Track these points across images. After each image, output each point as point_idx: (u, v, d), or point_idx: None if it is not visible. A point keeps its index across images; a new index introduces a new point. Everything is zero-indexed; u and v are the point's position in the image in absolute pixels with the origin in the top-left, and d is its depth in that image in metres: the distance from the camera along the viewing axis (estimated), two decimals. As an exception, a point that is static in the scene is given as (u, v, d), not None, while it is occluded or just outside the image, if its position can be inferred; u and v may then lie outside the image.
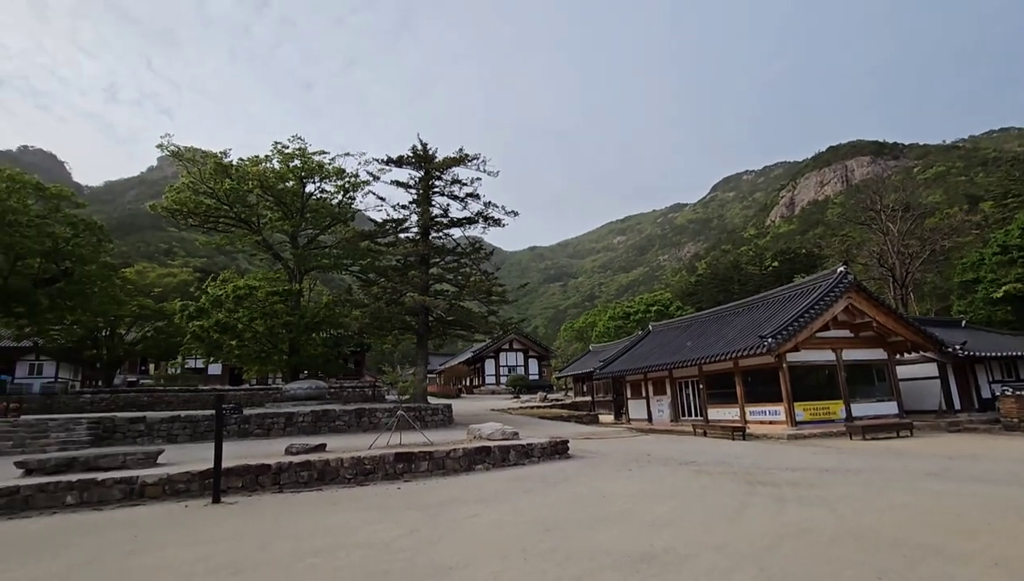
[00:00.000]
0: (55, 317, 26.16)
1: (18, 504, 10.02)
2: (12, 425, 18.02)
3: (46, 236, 22.53)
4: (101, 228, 27.11)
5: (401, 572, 6.08)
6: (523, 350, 58.95)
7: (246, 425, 19.66)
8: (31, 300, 23.21)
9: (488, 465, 13.75)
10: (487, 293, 26.19)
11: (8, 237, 20.72)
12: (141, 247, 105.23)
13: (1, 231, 20.49)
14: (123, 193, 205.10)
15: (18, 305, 23.39)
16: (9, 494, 10.02)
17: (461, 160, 25.69)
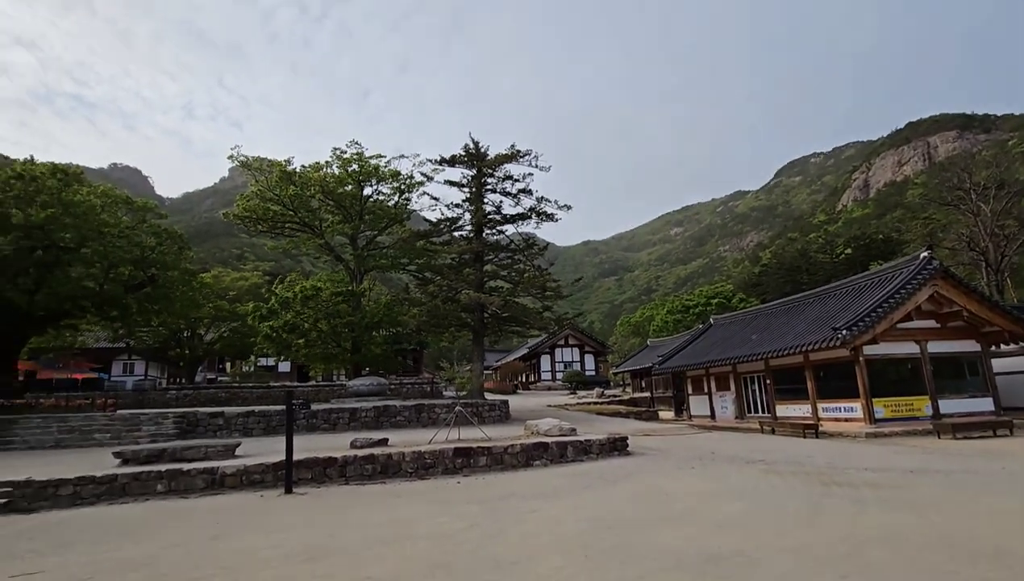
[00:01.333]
0: (143, 320, 28.44)
1: (117, 491, 10.96)
2: (110, 419, 19.75)
3: (135, 245, 24.48)
4: (181, 237, 29.16)
5: (463, 564, 6.15)
6: (579, 345, 58.47)
7: (314, 420, 20.60)
8: (123, 305, 25.33)
9: (546, 461, 13.71)
10: (541, 288, 26.13)
11: (103, 247, 22.69)
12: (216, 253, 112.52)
13: (97, 242, 22.46)
14: (199, 203, 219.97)
15: (112, 309, 25.59)
16: (109, 482, 10.98)
17: (512, 157, 25.73)
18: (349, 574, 5.94)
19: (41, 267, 21.68)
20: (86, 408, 21.81)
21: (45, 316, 23.47)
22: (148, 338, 38.60)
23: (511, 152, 25.74)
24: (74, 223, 21.42)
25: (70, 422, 19.15)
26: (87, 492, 10.80)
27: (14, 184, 20.93)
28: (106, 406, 22.33)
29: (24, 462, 14.01)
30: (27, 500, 10.43)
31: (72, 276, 22.75)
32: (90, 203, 22.76)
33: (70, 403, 22.38)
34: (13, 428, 18.45)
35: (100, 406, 22.26)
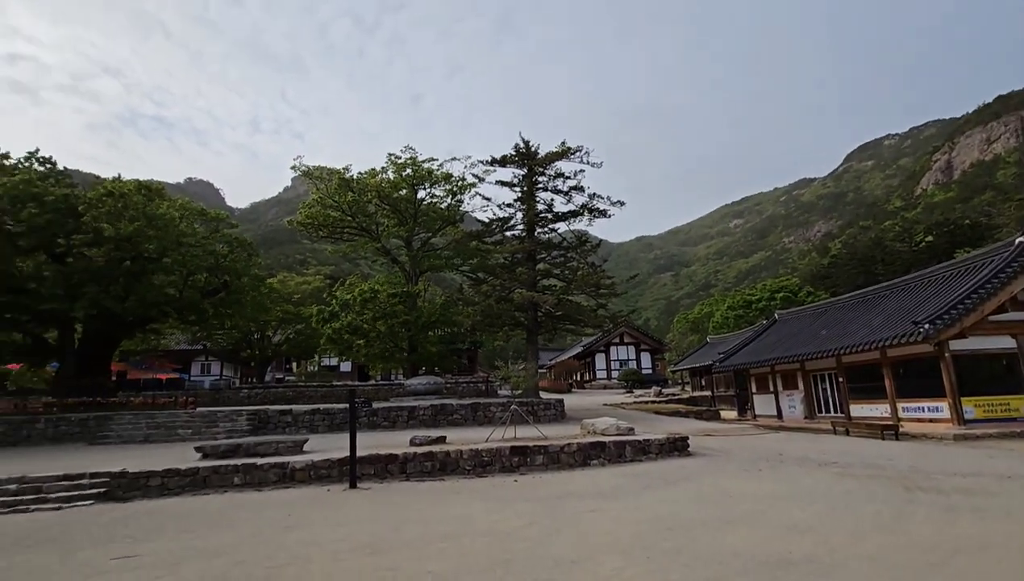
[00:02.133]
0: (218, 323, 30.39)
1: (199, 483, 11.76)
2: (190, 416, 21.22)
3: (209, 254, 26.20)
4: (251, 244, 30.94)
5: (523, 562, 6.16)
6: (634, 343, 57.39)
7: (374, 418, 21.29)
8: (200, 309, 27.18)
9: (603, 460, 13.54)
10: (595, 286, 25.81)
11: (182, 256, 24.44)
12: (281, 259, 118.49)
13: (177, 252, 24.21)
14: (265, 212, 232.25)
15: (191, 314, 27.52)
16: (192, 474, 11.80)
17: (563, 154, 25.56)
18: (412, 568, 6.09)
19: (129, 276, 23.58)
20: (170, 406, 23.54)
21: (133, 321, 25.52)
22: (223, 340, 41.21)
23: (562, 149, 25.57)
24: (157, 235, 23.15)
25: (156, 419, 20.73)
26: (173, 483, 11.65)
27: (106, 201, 22.88)
28: (187, 404, 24.00)
29: (118, 455, 15.29)
30: (122, 490, 11.38)
31: (156, 284, 24.61)
32: (170, 216, 24.55)
33: (156, 401, 24.23)
34: (109, 424, 20.18)
35: (182, 404, 23.96)
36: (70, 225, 21.89)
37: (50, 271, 21.12)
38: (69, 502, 10.75)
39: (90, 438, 19.39)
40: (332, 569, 6.16)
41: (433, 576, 5.80)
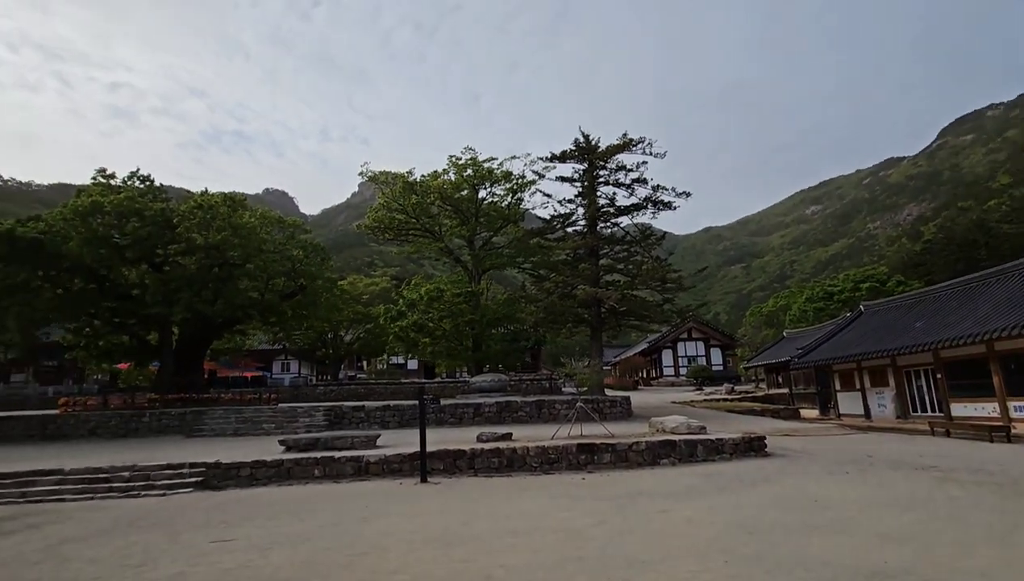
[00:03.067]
0: (296, 324, 32.27)
1: (283, 474, 12.53)
2: (273, 411, 22.65)
3: (286, 259, 27.84)
4: (323, 249, 32.55)
5: (595, 560, 6.09)
6: (703, 339, 55.30)
7: (441, 414, 21.79)
8: (280, 311, 28.97)
9: (674, 460, 13.14)
10: (661, 281, 25.07)
11: (263, 262, 26.13)
12: (350, 262, 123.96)
13: (258, 258, 25.92)
14: (335, 217, 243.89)
15: (271, 315, 29.40)
16: (277, 466, 12.59)
17: (625, 146, 24.98)
18: (484, 561, 6.17)
19: (218, 281, 25.49)
20: (255, 402, 25.24)
21: (222, 323, 27.57)
22: (300, 340, 43.67)
23: (623, 141, 25.00)
24: (241, 243, 24.87)
25: (244, 413, 22.30)
26: (260, 474, 12.48)
27: (196, 213, 24.85)
28: (270, 400, 25.64)
29: (212, 447, 16.57)
30: (216, 479, 12.32)
31: (240, 288, 26.44)
32: (252, 224, 26.30)
33: (243, 398, 26.06)
34: (203, 418, 21.94)
35: (266, 400, 25.62)
36: (167, 236, 23.94)
37: (151, 279, 23.20)
38: (172, 489, 11.78)
39: (187, 431, 21.16)
40: (407, 559, 6.35)
41: (505, 570, 5.85)
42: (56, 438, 20.63)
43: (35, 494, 11.57)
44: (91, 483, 12.10)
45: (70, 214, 22.99)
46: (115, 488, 11.86)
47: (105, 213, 22.80)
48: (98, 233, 22.63)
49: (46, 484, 12.06)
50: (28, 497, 11.45)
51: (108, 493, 11.64)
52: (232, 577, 5.96)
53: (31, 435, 20.73)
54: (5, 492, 11.65)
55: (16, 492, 11.65)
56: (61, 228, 22.47)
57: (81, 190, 24.99)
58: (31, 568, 6.59)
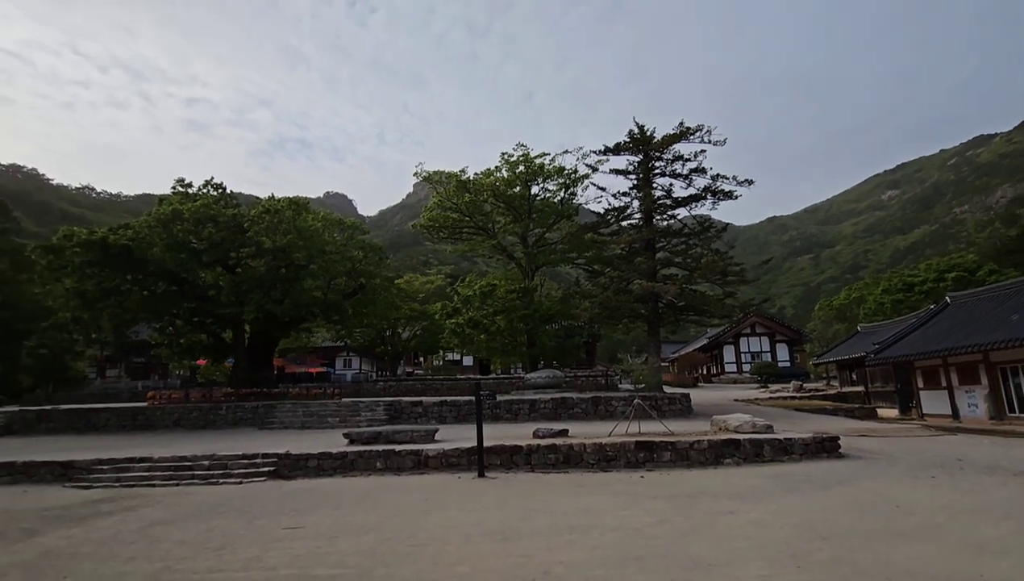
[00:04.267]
0: (357, 322, 33.47)
1: (347, 465, 13.02)
2: (337, 406, 23.61)
3: (347, 259, 28.93)
4: (381, 249, 33.57)
5: (657, 560, 5.93)
6: (768, 334, 52.82)
7: (497, 410, 21.96)
8: (342, 309, 30.16)
9: (738, 459, 12.62)
10: (721, 274, 24.08)
11: (325, 262, 27.27)
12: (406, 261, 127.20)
13: (321, 259, 27.07)
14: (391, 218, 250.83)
15: (334, 314, 30.66)
16: (341, 458, 13.10)
17: (682, 135, 24.14)
18: (543, 557, 6.15)
19: (285, 282, 26.84)
20: (320, 396, 26.40)
21: (289, 321, 29.02)
22: (360, 337, 45.32)
23: (679, 130, 24.18)
24: (305, 245, 26.05)
25: (310, 407, 23.38)
26: (326, 465, 13.03)
27: (264, 217, 26.26)
28: (334, 395, 26.76)
29: (281, 438, 17.48)
30: (287, 469, 12.97)
31: (305, 288, 27.71)
32: (315, 227, 27.49)
33: (309, 392, 27.34)
34: (273, 412, 23.19)
35: (330, 395, 26.76)
36: (238, 240, 25.43)
37: (225, 281, 24.72)
38: (247, 478, 12.51)
39: (259, 423, 22.42)
40: (467, 552, 6.43)
41: (564, 566, 5.80)
42: (145, 428, 22.41)
43: (129, 479, 12.62)
44: (176, 470, 13.05)
45: (154, 222, 24.86)
46: (197, 475, 12.74)
47: (184, 220, 24.47)
48: (178, 239, 24.33)
49: (138, 470, 13.12)
50: (123, 482, 12.50)
51: (191, 480, 12.51)
52: (303, 563, 6.24)
53: (123, 425, 22.63)
54: (104, 477, 12.77)
55: (112, 477, 12.74)
56: (146, 235, 24.32)
57: (163, 199, 26.99)
58: (127, 547, 7.18)
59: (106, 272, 24.11)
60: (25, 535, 7.99)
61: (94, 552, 6.99)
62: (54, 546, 7.34)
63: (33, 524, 8.70)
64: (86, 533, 8.02)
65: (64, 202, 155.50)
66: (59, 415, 23.00)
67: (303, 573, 5.88)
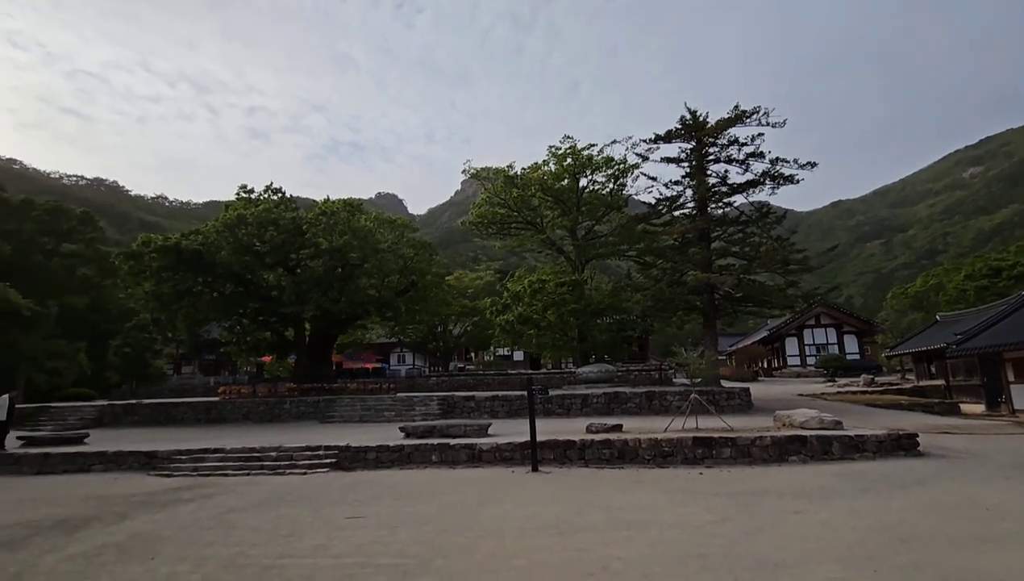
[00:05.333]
0: (409, 318, 34.29)
1: (404, 458, 13.37)
2: (393, 400, 24.27)
3: (399, 257, 29.66)
4: (431, 246, 34.21)
5: (719, 558, 5.74)
6: (834, 324, 50.04)
7: (548, 405, 21.93)
8: (395, 306, 30.98)
9: (804, 457, 12.03)
10: (782, 262, 22.93)
11: (379, 261, 28.06)
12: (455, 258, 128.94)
13: (374, 257, 27.87)
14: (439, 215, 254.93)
15: (387, 311, 31.54)
16: (399, 451, 13.46)
17: (736, 119, 23.11)
18: (599, 552, 6.08)
19: (341, 281, 27.82)
20: (377, 391, 27.23)
21: (346, 319, 30.09)
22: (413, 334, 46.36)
23: (734, 114, 23.14)
24: (359, 244, 26.90)
25: (367, 402, 24.16)
26: (384, 457, 13.42)
27: (321, 220, 27.30)
28: (389, 390, 27.52)
29: (341, 432, 18.15)
30: (347, 461, 13.46)
31: (360, 286, 28.62)
32: (368, 227, 28.33)
33: (366, 387, 28.25)
34: (333, 406, 24.12)
35: (385, 390, 27.55)
36: (298, 242, 26.56)
37: (286, 281, 25.90)
38: (311, 469, 13.07)
39: (320, 417, 23.38)
40: (523, 545, 6.45)
41: (622, 562, 5.71)
42: (217, 421, 23.85)
43: (205, 468, 13.47)
44: (247, 461, 13.81)
45: (221, 227, 26.34)
46: (266, 466, 13.43)
47: (248, 224, 25.79)
48: (243, 242, 25.66)
49: (212, 460, 13.98)
50: (199, 471, 13.36)
51: (260, 470, 13.21)
52: (366, 551, 6.44)
53: (198, 418, 24.18)
54: (183, 466, 13.69)
55: (190, 466, 13.64)
56: (215, 240, 25.79)
57: (228, 205, 28.56)
58: (206, 532, 7.65)
59: (180, 275, 25.78)
60: (117, 518, 8.68)
61: (176, 536, 7.50)
62: (142, 529, 7.94)
63: (123, 508, 9.44)
64: (169, 518, 8.62)
65: (141, 211, 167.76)
66: (142, 408, 24.84)
67: (367, 561, 6.07)
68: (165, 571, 5.99)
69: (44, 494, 11.18)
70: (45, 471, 14.38)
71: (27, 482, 13.13)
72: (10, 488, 12.22)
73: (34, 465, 14.62)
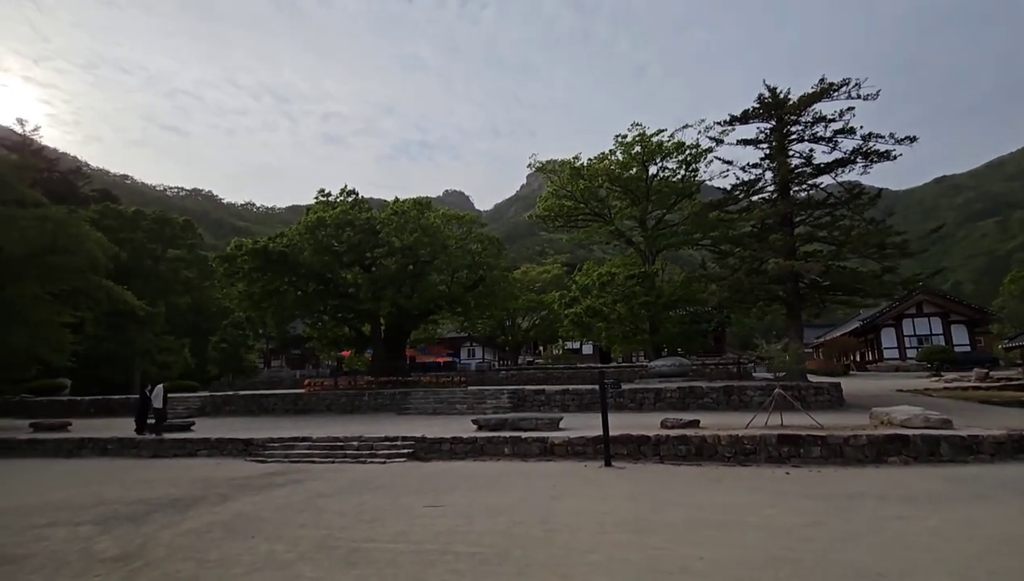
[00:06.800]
0: (478, 313, 34.90)
1: (477, 450, 13.62)
2: (464, 393, 24.79)
3: (467, 253, 30.22)
4: (498, 241, 34.54)
5: (812, 564, 5.37)
6: (939, 313, 45.50)
7: (620, 399, 21.51)
8: (464, 301, 31.65)
9: (906, 458, 11.02)
10: (877, 246, 20.99)
11: (448, 257, 28.75)
12: (522, 252, 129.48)
13: (444, 254, 28.58)
14: (505, 211, 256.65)
15: (457, 306, 32.29)
16: (471, 442, 13.74)
17: (823, 93, 21.35)
18: (680, 551, 5.87)
19: (413, 278, 28.77)
20: (448, 384, 27.95)
21: (418, 314, 31.08)
22: (482, 328, 47.19)
23: (820, 88, 21.38)
24: (429, 241, 27.67)
25: (440, 395, 24.84)
26: (458, 449, 13.74)
27: (393, 219, 28.33)
28: (460, 383, 28.16)
29: (416, 423, 18.78)
30: (423, 451, 13.91)
31: (431, 282, 29.46)
32: (437, 225, 29.07)
33: (438, 380, 29.08)
34: (408, 398, 25.01)
35: (457, 383, 28.21)
36: (372, 241, 27.72)
37: (362, 279, 27.12)
38: (390, 458, 13.62)
39: (397, 409, 24.31)
40: (599, 540, 6.36)
41: (704, 563, 5.49)
42: (304, 412, 25.44)
43: (294, 456, 14.41)
44: (331, 449, 14.63)
45: (303, 229, 27.98)
46: (348, 454, 14.16)
47: (327, 226, 27.22)
48: (323, 243, 27.12)
49: (301, 448, 14.93)
50: (290, 458, 14.31)
51: (344, 458, 13.94)
52: (444, 539, 6.61)
53: (287, 409, 25.90)
54: (275, 453, 14.73)
55: (281, 453, 14.65)
56: (298, 242, 27.46)
57: (309, 209, 30.29)
58: (299, 515, 8.18)
59: (268, 276, 27.71)
60: (221, 500, 9.47)
61: (273, 517, 8.07)
62: (242, 510, 8.61)
63: (225, 491, 10.29)
64: (265, 500, 9.30)
65: (233, 217, 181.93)
66: (238, 399, 26.98)
67: (446, 549, 6.22)
68: (265, 549, 6.45)
69: (159, 476, 12.42)
70: (159, 455, 16.00)
71: (145, 464, 14.66)
72: (131, 469, 13.70)
73: (150, 449, 16.31)
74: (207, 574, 5.66)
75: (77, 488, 11.20)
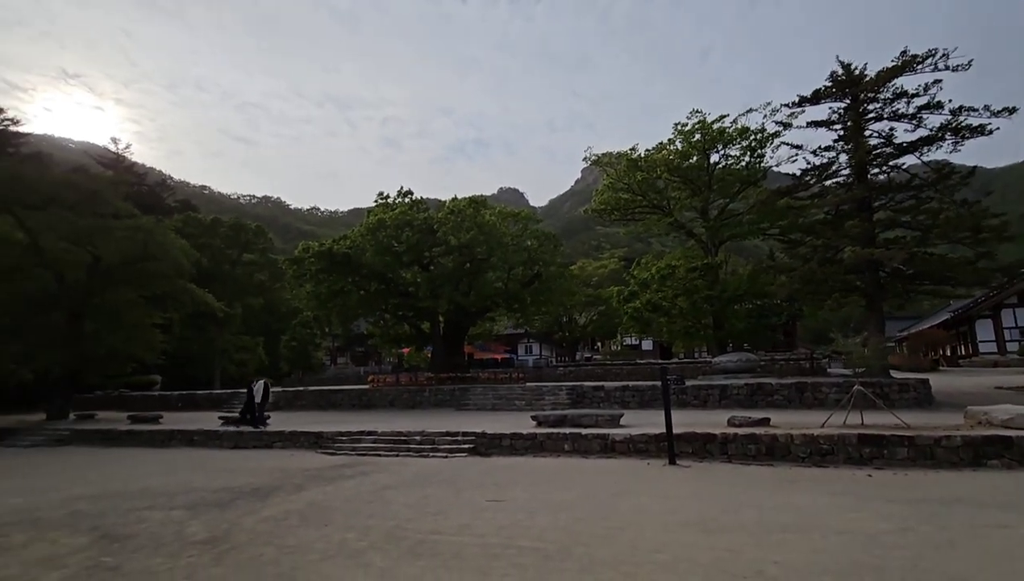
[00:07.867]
0: (535, 309, 34.87)
1: (536, 446, 13.64)
2: (522, 390, 24.86)
3: (522, 249, 30.29)
4: (554, 236, 34.36)
5: (900, 573, 4.99)
6: (1043, 304, 41.02)
7: (683, 396, 20.85)
8: (521, 298, 31.74)
9: (1008, 462, 10.03)
10: (971, 230, 19.07)
11: (504, 254, 28.93)
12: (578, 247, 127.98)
13: (500, 251, 28.78)
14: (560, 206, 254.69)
15: (514, 302, 32.42)
16: (531, 439, 13.77)
17: (905, 66, 19.60)
18: (753, 554, 5.62)
19: (470, 276, 29.17)
20: (506, 381, 28.11)
21: (475, 311, 31.48)
22: (539, 324, 47.14)
23: (901, 61, 19.64)
24: (485, 239, 27.94)
25: (498, 391, 25.04)
26: (518, 445, 13.81)
27: (450, 218, 28.83)
28: (519, 379, 28.26)
29: (476, 419, 19.01)
30: (483, 447, 14.07)
31: (488, 280, 29.77)
32: (492, 222, 29.30)
33: (497, 377, 29.32)
34: (467, 394, 25.39)
35: (515, 379, 28.33)
36: (430, 241, 28.34)
37: (421, 278, 27.79)
38: (451, 453, 13.89)
39: (456, 404, 24.74)
40: (666, 539, 6.19)
41: (780, 567, 5.22)
42: (368, 407, 26.40)
43: (361, 449, 14.99)
44: (396, 443, 15.10)
45: (364, 231, 29.01)
46: (411, 448, 14.56)
47: (387, 227, 28.08)
48: (383, 244, 28.01)
49: (367, 442, 15.50)
50: (357, 451, 14.89)
51: (407, 452, 14.35)
52: (507, 533, 6.66)
53: (353, 404, 26.97)
54: (343, 446, 15.38)
55: (349, 446, 15.27)
56: (360, 243, 28.49)
57: (369, 211, 31.37)
58: (368, 505, 8.49)
59: (333, 277, 28.95)
60: (295, 489, 9.99)
61: (343, 507, 8.42)
62: (315, 499, 9.04)
63: (299, 481, 10.84)
64: (336, 491, 9.72)
65: (300, 222, 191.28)
66: (308, 395, 28.37)
67: (509, 542, 6.26)
68: (338, 537, 6.74)
69: (239, 465, 13.27)
70: (240, 446, 17.11)
71: (226, 455, 15.72)
72: (215, 459, 14.73)
73: (231, 440, 17.47)
74: (286, 559, 5.98)
75: (169, 475, 12.17)
